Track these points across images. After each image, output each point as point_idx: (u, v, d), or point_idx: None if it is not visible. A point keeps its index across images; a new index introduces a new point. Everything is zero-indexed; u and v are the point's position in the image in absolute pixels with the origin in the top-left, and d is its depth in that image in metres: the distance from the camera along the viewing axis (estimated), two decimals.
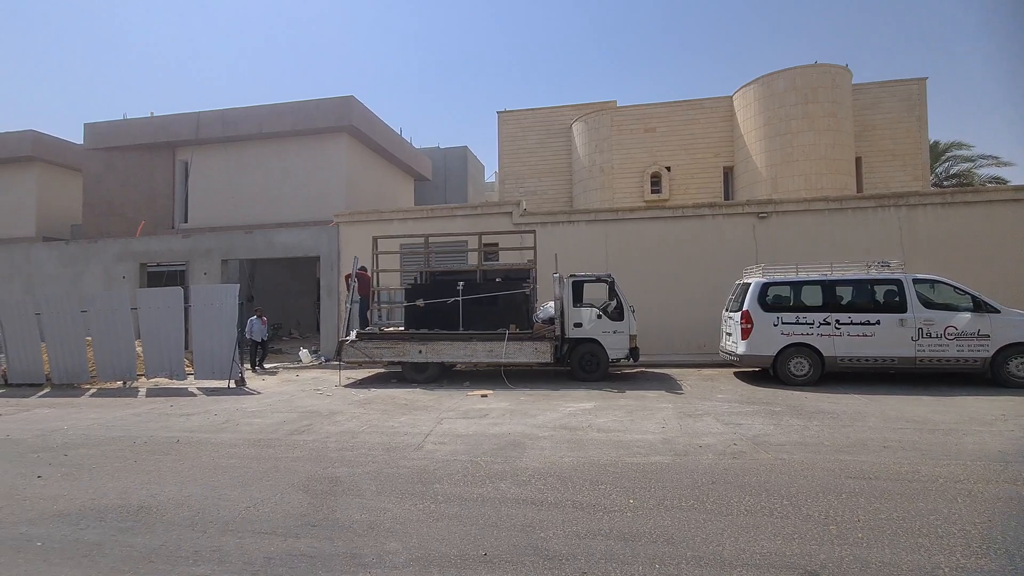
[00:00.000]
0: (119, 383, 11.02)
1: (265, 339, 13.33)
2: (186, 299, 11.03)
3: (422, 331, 10.31)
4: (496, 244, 12.98)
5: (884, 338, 8.69)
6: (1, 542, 3.62)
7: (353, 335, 10.70)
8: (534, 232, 11.29)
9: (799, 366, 8.97)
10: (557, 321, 10.05)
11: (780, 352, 9.02)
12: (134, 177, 19.07)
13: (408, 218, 14.63)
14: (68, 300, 11.61)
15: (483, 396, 8.68)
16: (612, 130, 20.06)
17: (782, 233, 12.77)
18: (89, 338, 11.13)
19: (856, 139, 17.76)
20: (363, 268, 11.70)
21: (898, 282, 8.84)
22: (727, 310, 10.17)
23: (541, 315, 10.73)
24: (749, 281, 9.54)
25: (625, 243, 13.35)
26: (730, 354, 9.69)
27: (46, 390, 10.73)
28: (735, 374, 10.31)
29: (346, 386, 10.18)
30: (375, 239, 11.65)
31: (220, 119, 18.00)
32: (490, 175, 33.57)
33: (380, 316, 12.01)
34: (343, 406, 8.21)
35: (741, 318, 9.21)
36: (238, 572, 3.10)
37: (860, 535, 3.36)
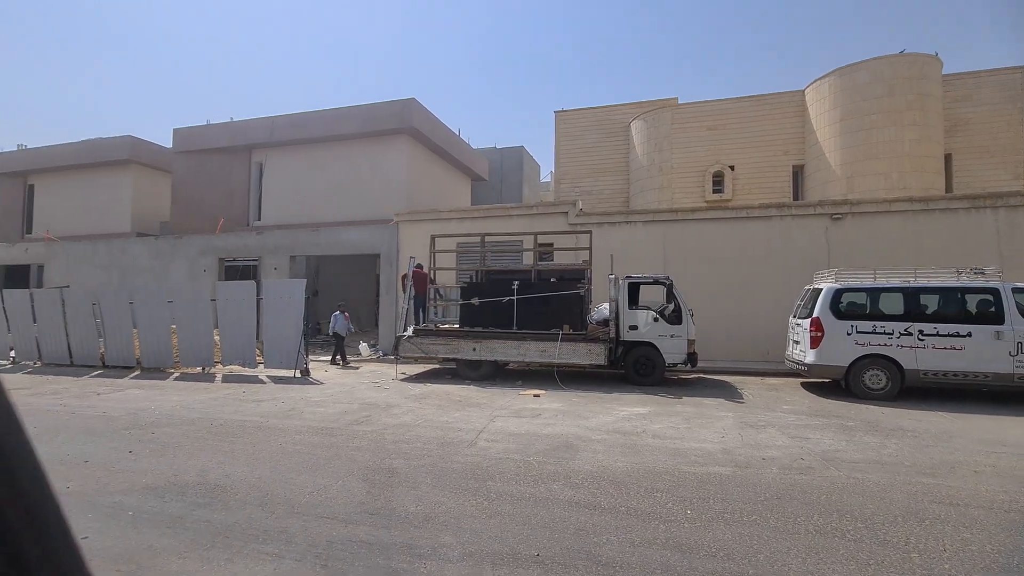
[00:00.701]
0: (199, 369, 11.90)
1: (350, 333, 13.61)
2: (258, 292, 11.75)
3: (476, 329, 10.44)
4: (551, 244, 12.93)
5: (976, 352, 7.92)
6: (99, 509, 3.99)
7: (410, 331, 11.00)
8: (590, 232, 11.16)
9: (875, 379, 8.34)
10: (612, 323, 9.88)
11: (854, 363, 8.42)
12: (215, 177, 20.51)
13: (465, 217, 14.86)
14: (157, 291, 12.67)
15: (535, 396, 8.68)
16: (672, 128, 19.49)
17: (858, 236, 11.92)
18: (174, 326, 12.08)
19: (946, 134, 16.30)
20: (419, 266, 12.00)
21: (995, 291, 8.03)
22: (795, 316, 9.62)
23: (595, 316, 10.58)
24: (820, 286, 8.97)
25: (684, 245, 12.93)
26: (797, 363, 9.17)
27: (136, 372, 11.76)
28: (802, 385, 9.74)
29: (402, 380, 10.48)
30: (433, 238, 11.91)
31: (292, 122, 19.01)
32: (546, 175, 33.56)
33: (436, 313, 12.26)
34: (399, 399, 8.46)
35: (811, 325, 8.68)
36: (303, 554, 3.26)
37: (947, 567, 3.08)
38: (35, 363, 13.00)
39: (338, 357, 13.02)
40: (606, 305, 10.42)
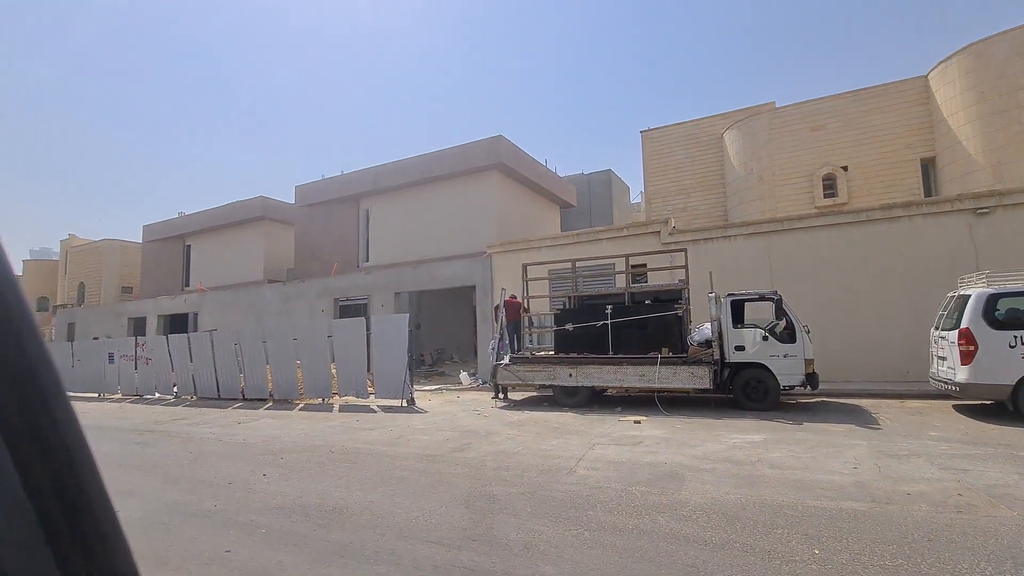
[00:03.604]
0: (319, 400, 13.02)
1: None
2: (368, 328, 12.69)
3: (571, 355, 10.34)
4: (644, 265, 12.57)
5: None
6: (238, 526, 4.47)
7: (506, 359, 11.18)
8: (685, 250, 10.70)
9: None
10: (715, 344, 9.27)
11: (1023, 381, 7.08)
12: (330, 226, 22.79)
13: (555, 244, 14.99)
14: (284, 331, 14.18)
15: (636, 422, 8.33)
16: (771, 133, 18.28)
17: (1012, 231, 10.19)
18: (299, 362, 13.39)
19: None
20: (512, 296, 12.24)
21: None
22: (937, 329, 8.37)
23: (696, 337, 10.02)
24: (968, 292, 7.74)
25: (793, 256, 11.89)
26: (945, 382, 7.90)
27: (269, 404, 13.14)
28: (954, 407, 8.36)
29: (500, 408, 10.63)
30: (524, 267, 12.12)
31: (392, 169, 20.69)
32: (635, 195, 32.88)
33: (531, 340, 12.36)
34: (498, 427, 8.56)
35: (959, 338, 7.48)
36: None
37: None
38: (191, 397, 15.05)
39: (501, 392, 11.78)
40: (707, 325, 9.85)
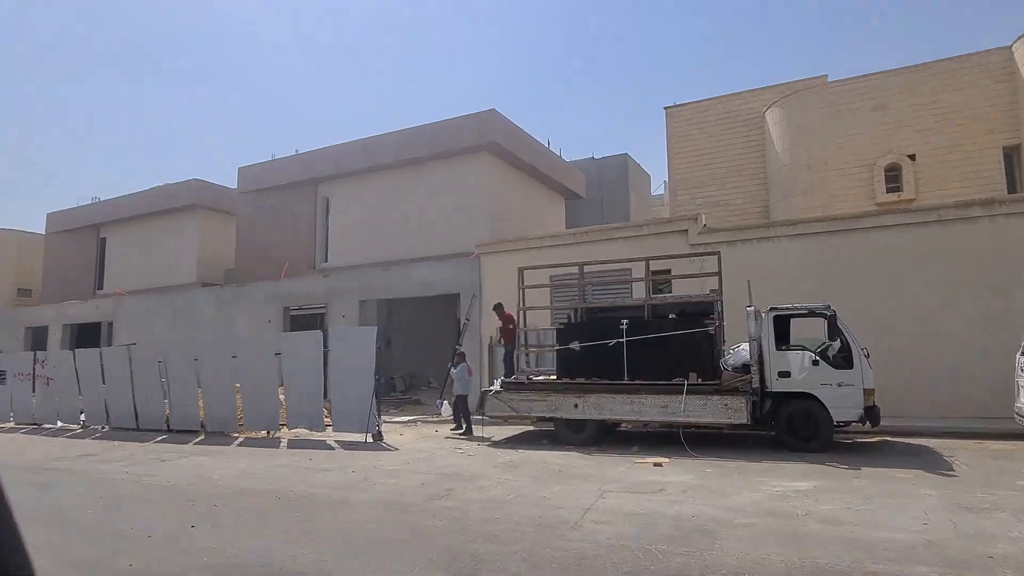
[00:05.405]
0: (263, 433, 12.92)
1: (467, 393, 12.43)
2: (326, 344, 12.63)
3: (578, 381, 10.35)
4: (668, 271, 12.62)
5: None
6: None
7: (497, 385, 11.16)
8: (718, 254, 10.77)
9: None
10: (754, 369, 9.33)
11: None
12: (280, 217, 22.76)
13: (559, 244, 15.06)
14: (220, 346, 14.10)
15: (656, 465, 8.35)
16: (823, 113, 18.52)
17: None
18: (238, 385, 13.30)
19: None
20: (498, 305, 12.35)
21: None
22: None
23: (731, 361, 10.09)
24: None
25: (849, 262, 12.01)
26: None
27: (200, 437, 13.03)
28: None
29: (489, 445, 10.60)
30: (521, 271, 12.12)
31: (360, 149, 20.73)
32: (658, 186, 33.17)
33: (528, 362, 12.35)
34: (486, 469, 8.53)
35: None
36: None
37: None
38: (103, 427, 14.88)
39: (463, 423, 12.15)
40: (744, 346, 9.91)
